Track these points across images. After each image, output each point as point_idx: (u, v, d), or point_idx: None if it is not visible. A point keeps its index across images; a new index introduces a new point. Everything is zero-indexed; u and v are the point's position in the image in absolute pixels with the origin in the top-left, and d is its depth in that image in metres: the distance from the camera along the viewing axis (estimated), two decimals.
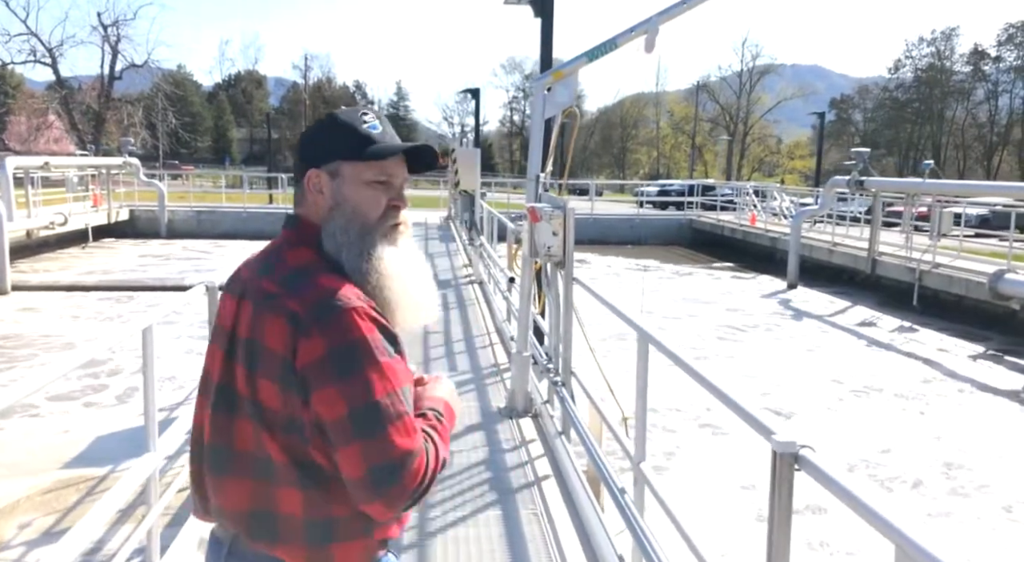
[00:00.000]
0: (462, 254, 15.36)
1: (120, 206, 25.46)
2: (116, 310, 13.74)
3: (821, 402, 9.20)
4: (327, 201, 1.45)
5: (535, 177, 5.49)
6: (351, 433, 1.28)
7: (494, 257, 9.88)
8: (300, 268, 1.39)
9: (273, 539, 1.37)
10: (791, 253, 17.63)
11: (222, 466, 1.41)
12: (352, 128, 1.46)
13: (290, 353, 1.31)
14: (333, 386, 1.29)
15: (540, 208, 4.67)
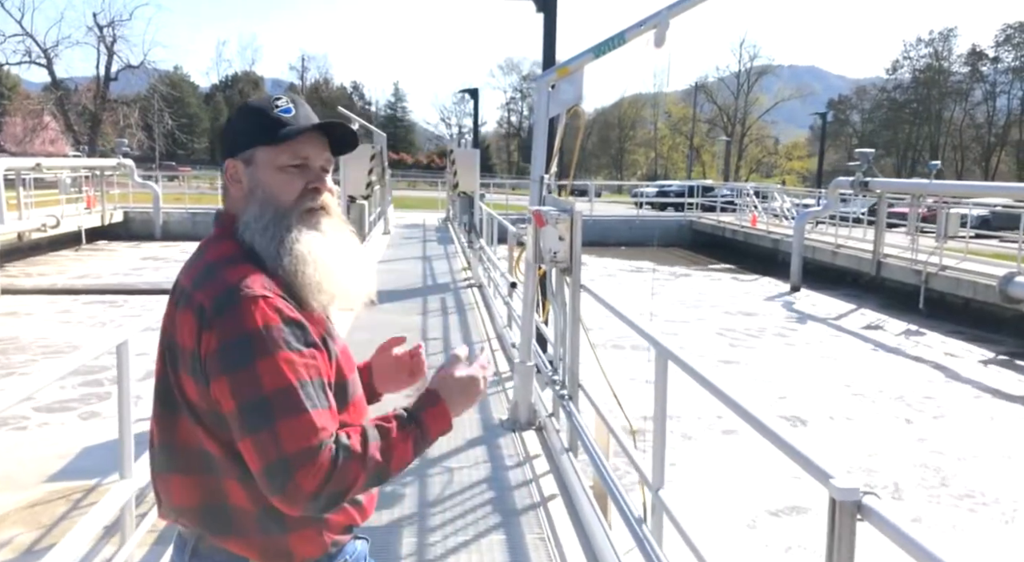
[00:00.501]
0: (461, 257, 15.10)
1: (114, 208, 25.17)
2: (109, 315, 13.47)
3: (834, 409, 8.95)
4: (243, 190, 1.42)
5: (539, 179, 5.25)
6: (242, 427, 1.26)
7: (494, 260, 9.63)
8: (214, 262, 1.37)
9: (228, 532, 1.36)
10: (794, 255, 17.39)
11: (168, 464, 1.39)
12: (262, 112, 1.42)
13: (197, 346, 1.29)
14: (224, 378, 1.26)
15: (546, 212, 4.42)
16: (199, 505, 1.37)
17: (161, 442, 1.40)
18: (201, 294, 1.31)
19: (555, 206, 4.99)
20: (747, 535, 5.98)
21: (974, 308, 13.51)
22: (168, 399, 1.37)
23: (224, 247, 1.40)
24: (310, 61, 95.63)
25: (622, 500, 3.51)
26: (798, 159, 78.03)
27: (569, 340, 4.44)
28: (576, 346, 4.44)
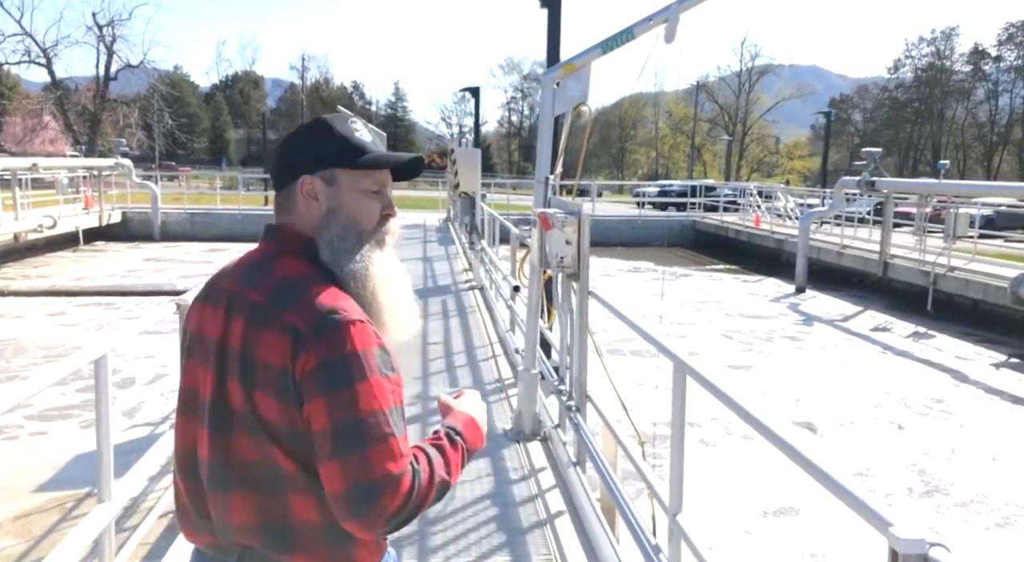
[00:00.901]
0: (462, 258, 14.90)
1: (112, 208, 24.95)
2: (106, 317, 13.27)
3: (847, 415, 8.74)
4: (321, 208, 1.42)
5: (544, 179, 5.04)
6: (332, 449, 1.27)
7: (496, 262, 9.43)
8: (293, 279, 1.36)
9: (292, 548, 1.35)
10: (799, 255, 17.17)
11: (226, 483, 1.36)
12: (346, 136, 1.44)
13: (290, 366, 1.28)
14: (320, 398, 1.27)
15: (551, 214, 4.22)
16: (261, 522, 1.35)
17: (215, 460, 1.37)
18: (292, 315, 1.30)
19: (561, 208, 4.79)
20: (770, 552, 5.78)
21: (983, 310, 13.30)
22: (224, 415, 1.35)
23: (295, 264, 1.40)
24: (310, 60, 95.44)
25: (632, 517, 3.33)
26: (799, 158, 77.87)
27: (577, 349, 4.24)
28: (584, 356, 4.25)
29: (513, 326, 7.65)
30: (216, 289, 1.44)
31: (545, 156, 5.10)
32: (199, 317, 1.45)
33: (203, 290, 1.49)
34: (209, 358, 1.39)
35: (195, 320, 1.46)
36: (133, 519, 5.95)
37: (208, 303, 1.44)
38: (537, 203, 5.05)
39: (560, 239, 4.20)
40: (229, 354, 1.35)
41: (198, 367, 1.41)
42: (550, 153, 5.13)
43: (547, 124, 5.09)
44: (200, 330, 1.43)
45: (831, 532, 5.77)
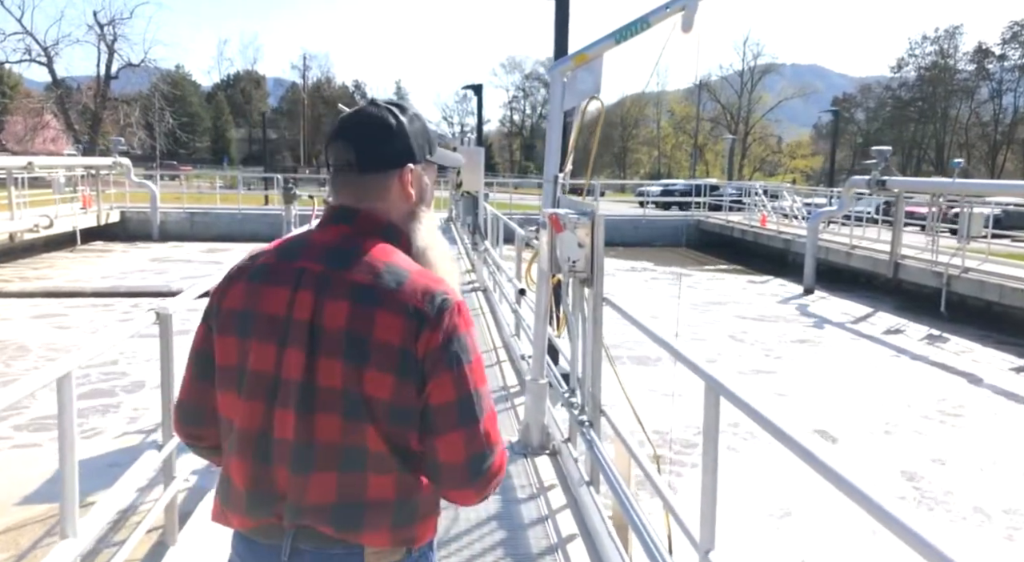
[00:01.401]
0: (464, 259, 14.60)
1: (111, 207, 24.68)
2: (105, 318, 12.99)
3: (867, 423, 8.43)
4: (414, 197, 1.49)
5: (553, 178, 4.75)
6: (456, 420, 1.35)
7: (500, 264, 9.14)
8: (393, 263, 1.40)
9: (359, 526, 1.38)
10: (807, 256, 16.84)
11: (308, 463, 1.37)
12: (431, 130, 1.53)
13: (411, 345, 1.33)
14: (447, 372, 1.34)
15: (563, 215, 3.92)
16: (334, 502, 1.38)
17: (299, 441, 1.37)
18: (409, 297, 1.35)
19: (571, 208, 4.51)
20: None
21: (997, 312, 12.99)
22: (309, 395, 1.36)
23: (386, 248, 1.43)
24: (312, 60, 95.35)
25: (648, 537, 3.07)
26: (802, 157, 77.68)
27: (590, 361, 3.95)
28: (598, 367, 3.95)
29: (518, 331, 7.36)
30: (287, 270, 1.41)
31: (554, 153, 4.81)
32: (255, 295, 1.41)
33: (259, 270, 1.44)
34: (290, 338, 1.37)
35: (247, 299, 1.42)
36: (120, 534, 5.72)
37: (276, 284, 1.41)
38: (546, 203, 4.77)
39: (572, 242, 3.91)
40: (325, 334, 1.35)
41: (265, 347, 1.39)
42: (559, 150, 4.85)
43: (556, 119, 4.80)
44: (262, 309, 1.40)
45: None
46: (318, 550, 1.39)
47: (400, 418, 1.36)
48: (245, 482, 1.42)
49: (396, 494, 1.39)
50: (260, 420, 1.40)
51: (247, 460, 1.41)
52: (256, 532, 1.43)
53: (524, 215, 25.75)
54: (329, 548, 1.39)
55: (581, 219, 3.92)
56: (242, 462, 1.42)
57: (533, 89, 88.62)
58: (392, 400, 1.34)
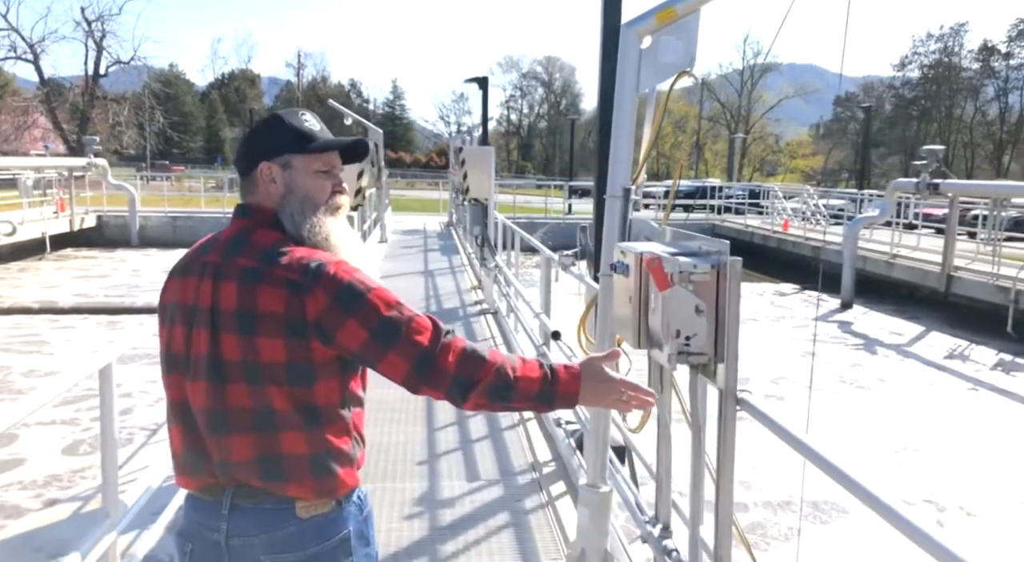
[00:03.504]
0: (469, 272, 13.02)
1: (86, 212, 23.04)
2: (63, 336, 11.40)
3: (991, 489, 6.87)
4: (279, 189, 1.66)
5: (622, 193, 3.17)
6: (382, 347, 1.53)
7: (519, 288, 7.56)
8: (273, 245, 1.59)
9: (282, 478, 1.55)
10: (846, 266, 15.21)
11: (225, 425, 1.55)
12: (296, 126, 1.68)
13: (295, 311, 1.51)
14: (349, 319, 1.52)
15: (672, 260, 2.34)
16: (257, 458, 1.54)
17: (212, 408, 1.56)
18: (283, 270, 1.53)
19: (654, 236, 2.97)
20: None
21: None
22: (218, 369, 1.55)
23: (271, 233, 1.62)
24: (307, 58, 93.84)
25: None
26: (802, 157, 76.79)
27: (718, 490, 2.37)
28: (728, 504, 2.37)
29: None
30: (196, 263, 1.63)
31: (623, 154, 3.21)
32: (177, 289, 1.64)
33: (179, 266, 1.68)
34: (196, 321, 1.58)
35: (172, 292, 1.65)
36: None
37: (188, 276, 1.63)
38: (610, 232, 3.17)
39: (684, 304, 2.33)
40: (222, 314, 1.55)
41: (180, 330, 1.60)
42: (629, 151, 3.27)
43: (627, 105, 3.20)
44: (180, 299, 1.62)
45: None
46: (254, 506, 1.57)
47: (298, 378, 1.54)
48: (181, 446, 1.63)
49: (308, 448, 1.55)
50: (179, 392, 1.61)
51: (179, 426, 1.63)
52: (203, 491, 1.61)
53: (528, 218, 24.28)
54: (264, 503, 1.56)
55: (700, 266, 2.35)
56: (176, 429, 1.63)
57: (530, 88, 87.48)
58: (287, 361, 1.52)
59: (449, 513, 4.11)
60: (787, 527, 5.94)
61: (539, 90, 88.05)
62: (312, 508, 1.57)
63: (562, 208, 29.16)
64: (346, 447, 1.59)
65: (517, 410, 1.72)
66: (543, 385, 1.58)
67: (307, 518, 1.57)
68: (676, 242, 2.74)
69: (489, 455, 4.96)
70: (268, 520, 1.56)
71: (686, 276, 2.37)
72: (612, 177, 3.21)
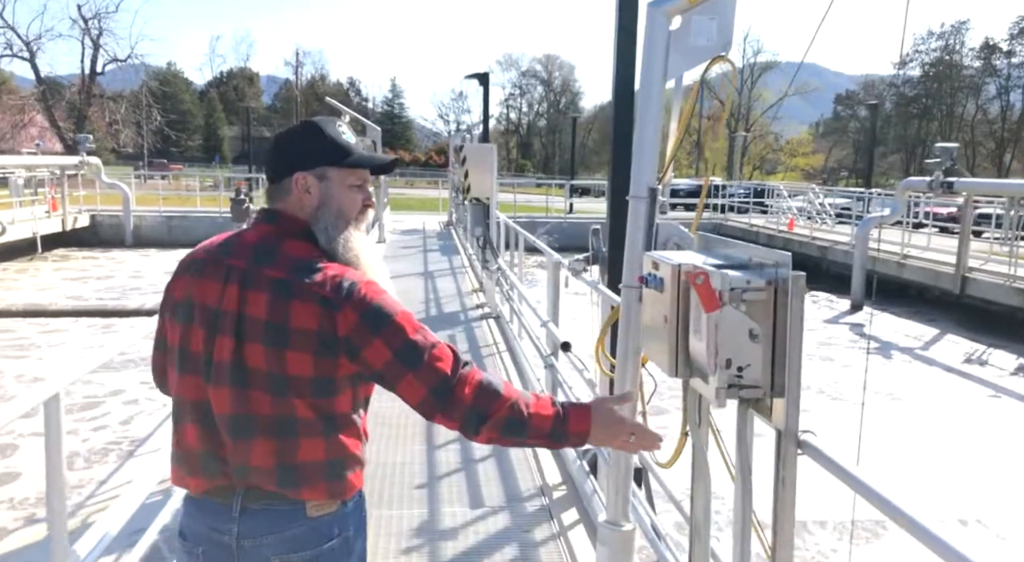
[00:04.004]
0: (470, 274, 12.64)
1: (79, 211, 22.62)
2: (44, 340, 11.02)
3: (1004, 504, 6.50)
4: (314, 200, 1.66)
5: (649, 193, 2.77)
6: (403, 368, 1.56)
7: (522, 291, 7.17)
8: (305, 258, 1.60)
9: (299, 484, 1.58)
10: (856, 268, 14.82)
11: (247, 431, 1.57)
12: (335, 138, 1.68)
13: (327, 327, 1.53)
14: (376, 338, 1.54)
15: (719, 276, 1.94)
16: (275, 464, 1.56)
17: (235, 412, 1.57)
18: (316, 287, 1.55)
19: (685, 242, 2.61)
20: None
21: None
22: (242, 374, 1.56)
23: (301, 245, 1.63)
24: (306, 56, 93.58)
25: None
26: (803, 156, 76.59)
27: (774, 552, 1.98)
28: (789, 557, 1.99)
29: (554, 389, 5.41)
30: (219, 265, 1.62)
31: (648, 149, 2.80)
32: (193, 287, 1.63)
33: (195, 264, 1.66)
34: (220, 325, 1.57)
35: (186, 290, 1.64)
36: None
37: (208, 277, 1.62)
38: (634, 237, 2.77)
39: (736, 328, 1.94)
40: (249, 322, 1.55)
41: (200, 332, 1.60)
42: (655, 146, 2.88)
43: (654, 93, 2.81)
44: (200, 300, 1.61)
45: None
46: (266, 508, 1.58)
47: (321, 390, 1.57)
48: (198, 445, 1.61)
49: (326, 454, 1.59)
50: (201, 393, 1.60)
51: (196, 427, 1.61)
52: (210, 493, 1.61)
53: (528, 218, 23.87)
54: (276, 505, 1.58)
55: (754, 281, 1.97)
56: (193, 429, 1.62)
57: (530, 86, 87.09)
58: (313, 375, 1.56)
59: (451, 546, 3.73)
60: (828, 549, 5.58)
61: (538, 88, 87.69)
62: (321, 508, 1.60)
63: (563, 207, 28.77)
64: (358, 451, 1.65)
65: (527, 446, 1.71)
66: (555, 423, 1.62)
67: (316, 517, 1.60)
68: (717, 251, 2.35)
69: (494, 477, 4.57)
70: (280, 520, 1.59)
71: (738, 294, 1.98)
72: (636, 175, 2.81)
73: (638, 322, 2.69)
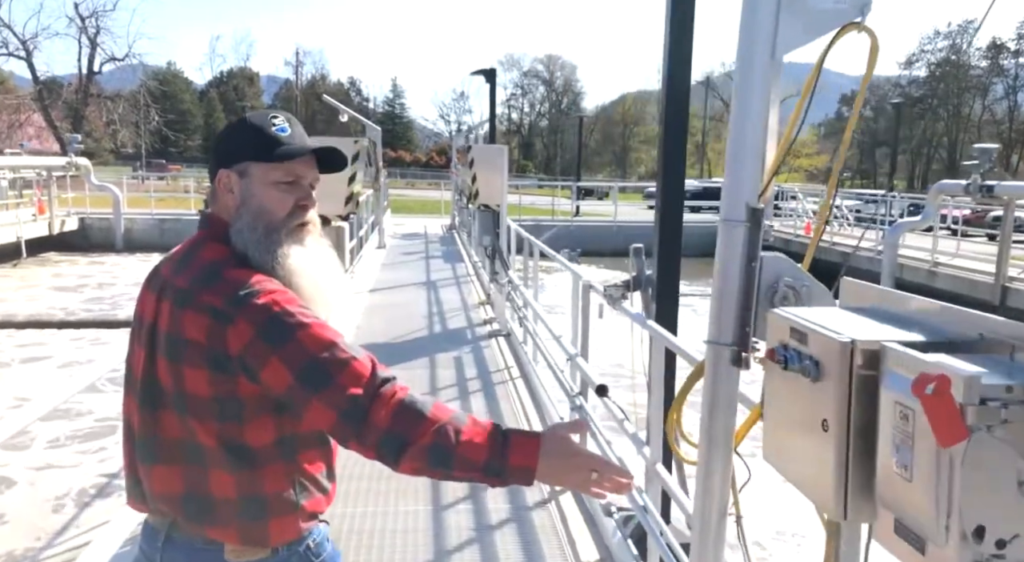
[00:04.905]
0: (475, 284, 11.80)
1: (67, 214, 21.79)
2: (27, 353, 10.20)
3: None
4: (235, 199, 1.49)
5: (747, 215, 1.92)
6: (306, 391, 1.34)
7: (538, 309, 6.33)
8: (210, 264, 1.43)
9: (209, 521, 1.41)
10: (885, 276, 13.96)
11: (152, 455, 1.43)
12: (260, 130, 1.49)
13: (218, 343, 1.35)
14: (273, 357, 1.33)
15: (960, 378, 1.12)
16: (181, 493, 1.41)
17: (142, 434, 1.44)
18: (209, 295, 1.37)
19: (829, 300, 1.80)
20: None
21: None
22: (153, 392, 1.42)
23: (218, 249, 1.46)
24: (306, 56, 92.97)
25: None
26: (806, 156, 76.18)
27: None
28: None
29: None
30: (155, 274, 1.52)
31: (750, 151, 1.96)
32: (140, 301, 1.52)
33: (149, 274, 1.55)
34: (143, 339, 1.46)
35: (138, 303, 1.53)
36: None
37: (148, 288, 1.51)
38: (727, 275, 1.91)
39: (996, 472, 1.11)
40: (159, 335, 1.42)
41: (136, 346, 1.48)
42: (760, 148, 2.02)
43: (758, 78, 1.94)
44: (139, 312, 1.51)
45: None
46: (186, 541, 1.44)
47: (226, 414, 1.37)
48: (127, 468, 1.51)
49: (237, 491, 1.39)
50: (128, 413, 1.49)
51: (126, 450, 1.51)
52: (150, 516, 1.50)
53: (534, 221, 23.05)
54: (195, 541, 1.43)
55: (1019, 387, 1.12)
56: (125, 452, 1.52)
57: (531, 86, 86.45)
58: (209, 395, 1.36)
59: None
60: None
61: (540, 88, 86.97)
62: (240, 554, 1.44)
63: (569, 209, 27.95)
64: (285, 493, 1.43)
65: (462, 480, 1.22)
66: (491, 454, 1.33)
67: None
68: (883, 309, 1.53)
69: (514, 552, 3.74)
70: (197, 559, 1.45)
71: (995, 412, 1.14)
72: (732, 190, 1.96)
73: (732, 396, 1.91)
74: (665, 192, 3.69)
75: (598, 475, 1.39)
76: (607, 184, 51.27)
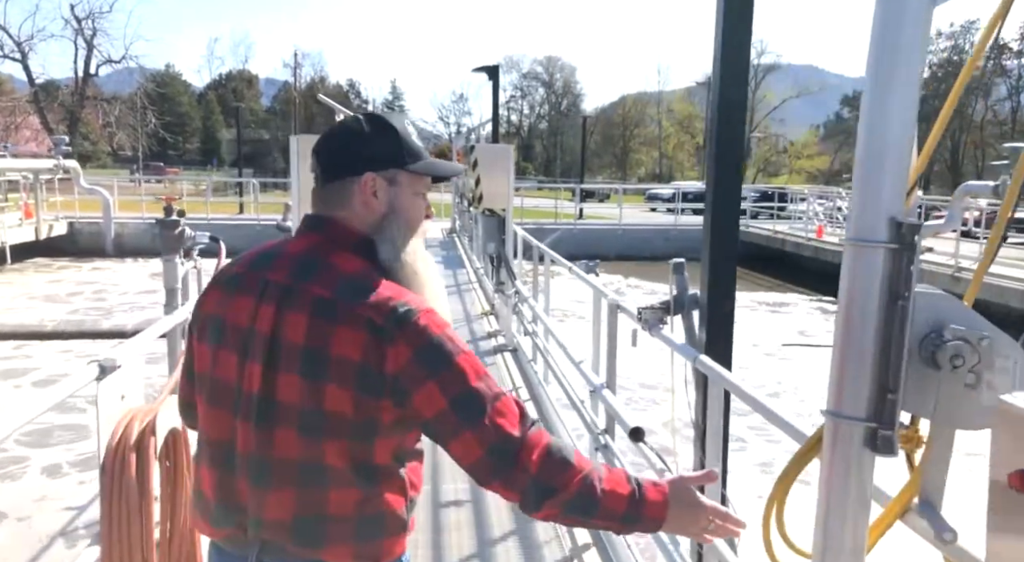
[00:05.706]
0: (478, 293, 11.16)
1: (55, 218, 21.15)
2: None
3: None
4: (381, 207, 1.42)
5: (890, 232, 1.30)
6: (460, 422, 1.28)
7: (551, 327, 5.70)
8: (357, 275, 1.36)
9: (320, 543, 1.34)
10: None
11: (266, 478, 1.34)
12: (407, 139, 1.44)
13: (373, 361, 1.28)
14: (431, 382, 1.28)
15: None
16: (292, 518, 1.33)
17: (257, 454, 1.34)
18: (367, 309, 1.30)
19: None
20: None
21: None
22: (268, 410, 1.32)
23: (353, 260, 1.38)
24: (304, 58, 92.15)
25: None
26: (807, 158, 75.89)
27: None
28: None
29: None
30: (255, 279, 1.38)
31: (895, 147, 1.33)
32: (225, 304, 1.40)
33: (229, 277, 1.43)
34: (251, 350, 1.33)
35: (217, 306, 1.41)
36: None
37: (243, 292, 1.38)
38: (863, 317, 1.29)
39: None
40: (284, 349, 1.31)
41: (231, 357, 1.36)
42: (907, 144, 1.39)
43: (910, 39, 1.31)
44: (232, 319, 1.37)
45: None
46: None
47: (362, 433, 1.32)
48: (213, 493, 1.39)
49: (357, 510, 1.34)
50: (226, 431, 1.37)
51: (214, 470, 1.39)
52: (226, 541, 1.41)
53: (536, 224, 22.49)
54: (291, 560, 1.36)
55: None
56: (210, 472, 1.39)
57: (531, 88, 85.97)
58: (354, 416, 1.30)
59: None
60: None
61: (540, 90, 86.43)
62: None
63: (572, 212, 27.35)
64: (399, 510, 1.38)
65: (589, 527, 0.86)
66: (630, 505, 1.32)
67: None
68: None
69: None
70: None
71: None
72: (867, 198, 1.29)
73: (865, 492, 1.30)
74: (716, 199, 3.05)
75: (715, 524, 1.37)
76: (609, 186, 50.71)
